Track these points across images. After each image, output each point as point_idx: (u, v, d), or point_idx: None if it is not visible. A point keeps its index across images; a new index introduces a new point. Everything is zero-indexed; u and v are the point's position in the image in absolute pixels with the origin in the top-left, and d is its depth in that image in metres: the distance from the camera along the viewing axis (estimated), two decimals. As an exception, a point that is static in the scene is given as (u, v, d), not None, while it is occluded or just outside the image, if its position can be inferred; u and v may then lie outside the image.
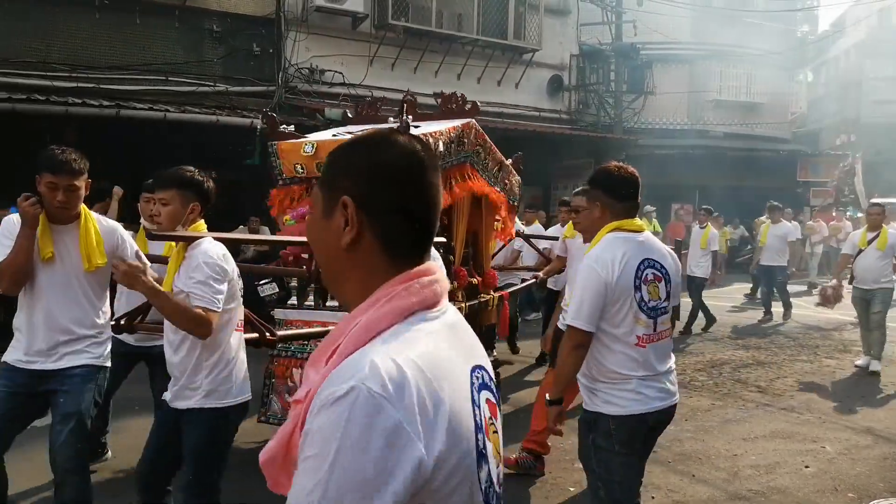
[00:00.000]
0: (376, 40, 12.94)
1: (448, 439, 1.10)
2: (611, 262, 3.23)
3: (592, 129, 16.38)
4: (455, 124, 5.65)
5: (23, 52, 10.19)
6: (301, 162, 5.51)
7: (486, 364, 1.30)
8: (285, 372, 5.33)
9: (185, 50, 11.37)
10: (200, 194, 3.33)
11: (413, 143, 1.29)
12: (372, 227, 1.23)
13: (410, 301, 1.20)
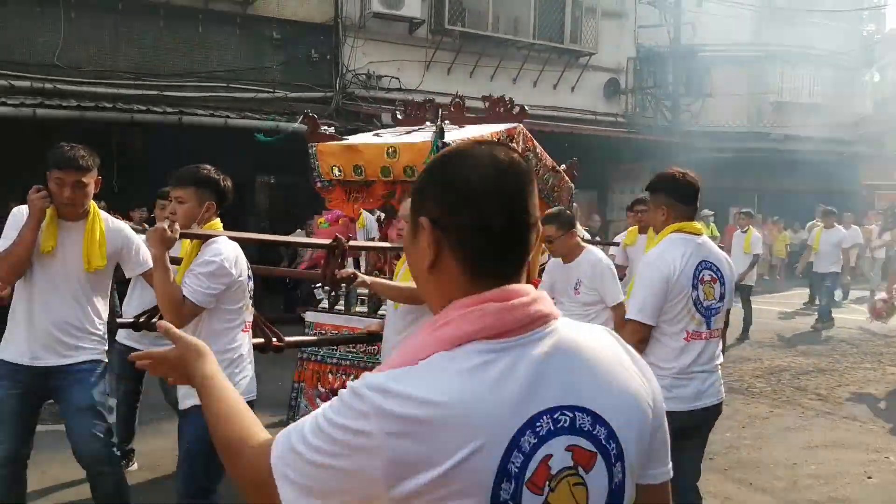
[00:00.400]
0: (432, 45, 13.03)
1: (431, 477, 1.04)
2: (671, 260, 3.38)
3: (649, 133, 16.22)
4: (499, 129, 5.60)
5: (91, 62, 10.55)
6: (339, 164, 5.55)
7: (592, 404, 1.15)
8: (314, 377, 5.37)
9: (245, 57, 11.63)
10: (216, 192, 3.34)
11: (495, 154, 1.20)
12: (450, 246, 1.18)
13: (463, 330, 1.12)
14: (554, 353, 1.15)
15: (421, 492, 1.05)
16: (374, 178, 5.39)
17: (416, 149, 5.17)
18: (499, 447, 1.07)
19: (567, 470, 1.12)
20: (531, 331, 1.15)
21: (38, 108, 9.33)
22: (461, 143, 1.28)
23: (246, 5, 11.43)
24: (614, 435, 1.16)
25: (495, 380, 1.09)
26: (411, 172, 5.16)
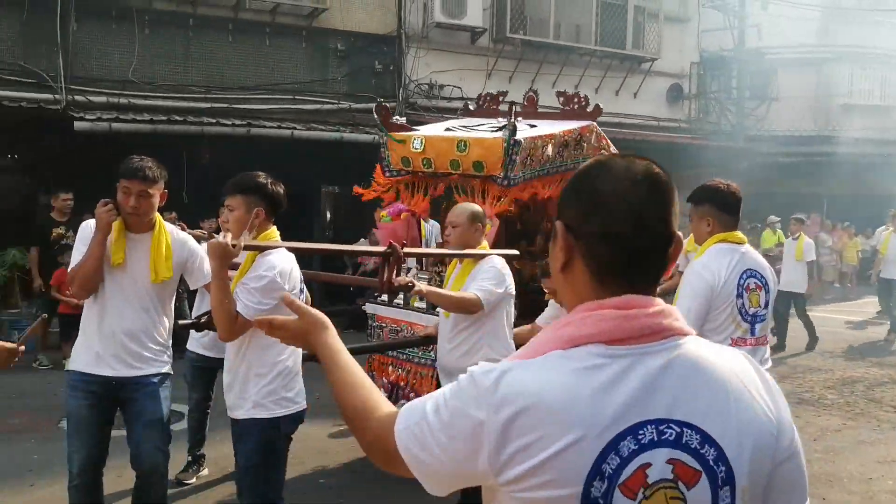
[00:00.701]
0: (494, 54, 13.09)
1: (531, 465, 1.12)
2: (717, 269, 3.52)
3: (713, 138, 15.96)
4: (572, 126, 5.62)
5: (164, 77, 10.87)
6: (408, 156, 5.60)
7: (703, 423, 1.15)
8: (382, 368, 5.48)
9: (311, 69, 11.84)
10: (264, 198, 3.34)
11: (630, 167, 1.25)
12: (580, 252, 1.23)
13: (581, 332, 1.18)
14: (671, 366, 1.17)
15: (522, 477, 1.13)
16: (442, 171, 5.43)
17: (486, 145, 5.20)
18: (596, 446, 1.11)
19: (666, 482, 1.14)
20: (651, 342, 1.18)
21: (113, 122, 9.67)
22: (604, 154, 1.32)
23: (311, 18, 11.66)
24: (724, 458, 1.16)
25: (604, 383, 1.14)
26: (480, 167, 5.19)
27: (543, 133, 5.44)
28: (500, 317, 4.12)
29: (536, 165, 5.31)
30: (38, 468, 5.32)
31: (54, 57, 10.12)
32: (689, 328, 1.23)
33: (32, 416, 6.48)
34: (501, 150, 5.08)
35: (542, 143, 5.32)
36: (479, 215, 4.25)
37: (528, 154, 5.21)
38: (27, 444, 5.78)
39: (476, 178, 5.36)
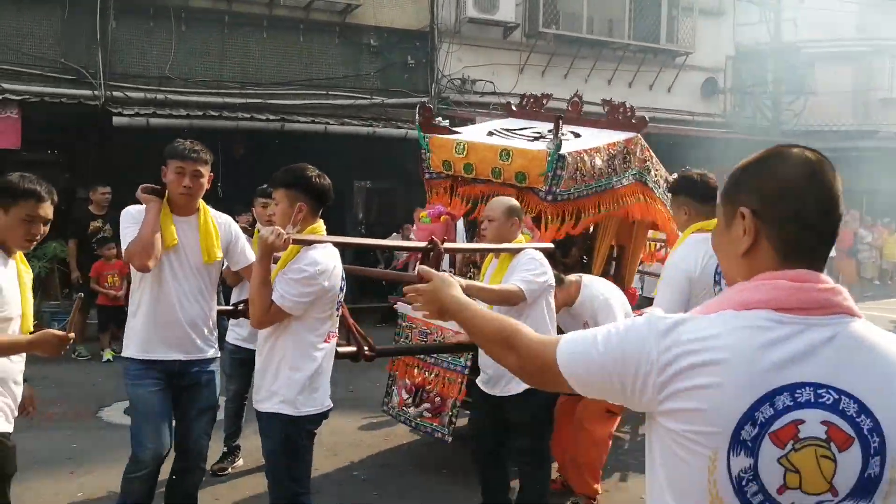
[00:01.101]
0: (527, 49, 13.05)
1: (690, 402, 1.28)
2: (694, 259, 3.66)
3: (749, 133, 15.76)
4: (618, 138, 5.54)
5: (200, 72, 11.02)
6: (450, 160, 5.54)
7: (862, 394, 1.25)
8: (405, 369, 5.42)
9: (344, 65, 11.91)
10: (308, 192, 3.32)
11: (806, 155, 1.37)
12: (767, 235, 1.36)
13: (754, 297, 1.32)
14: (837, 339, 1.29)
15: (679, 412, 1.30)
16: (483, 178, 5.38)
17: (530, 156, 5.12)
18: (750, 394, 1.26)
19: (817, 441, 1.25)
20: (819, 315, 1.30)
21: (150, 117, 9.82)
22: (773, 147, 1.45)
23: (345, 14, 11.72)
24: (880, 430, 1.25)
25: (769, 341, 1.28)
26: (522, 178, 5.11)
27: (588, 146, 5.33)
28: (541, 309, 4.07)
29: (591, 180, 5.19)
30: (78, 457, 5.42)
31: (94, 54, 10.32)
32: (857, 310, 1.33)
33: (71, 406, 6.60)
34: (545, 164, 4.98)
35: (588, 156, 5.20)
36: (516, 209, 4.21)
37: (577, 169, 5.10)
38: (67, 433, 5.88)
39: (513, 188, 5.30)
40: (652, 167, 5.88)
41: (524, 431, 4.13)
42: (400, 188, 11.76)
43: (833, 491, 1.26)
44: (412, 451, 5.88)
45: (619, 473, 5.53)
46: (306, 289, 3.18)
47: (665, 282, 3.77)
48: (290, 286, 3.18)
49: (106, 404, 6.65)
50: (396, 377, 5.48)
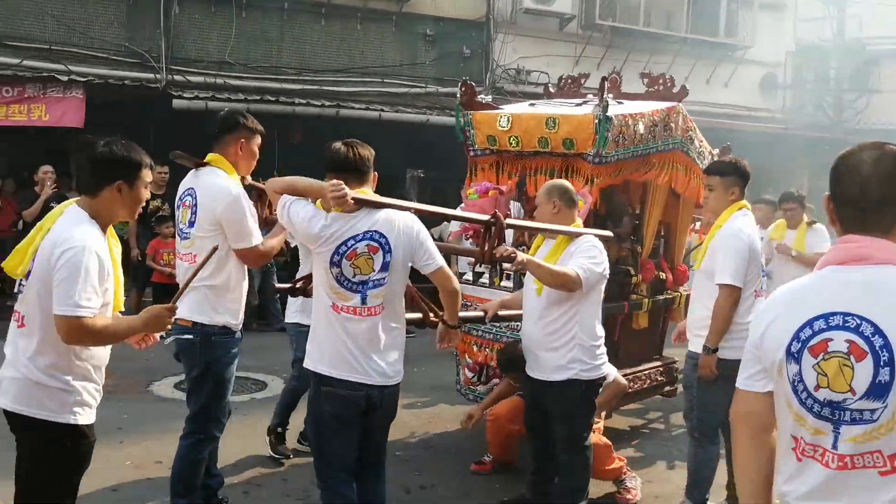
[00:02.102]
0: (582, 40, 12.98)
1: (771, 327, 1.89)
2: (749, 232, 4.18)
3: (809, 130, 15.43)
4: (660, 107, 5.48)
5: (258, 58, 11.21)
6: (495, 134, 5.50)
7: (877, 318, 1.72)
8: (465, 347, 5.43)
9: (399, 53, 12.00)
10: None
11: (863, 151, 1.83)
12: (835, 211, 1.88)
13: (827, 258, 1.86)
14: (866, 279, 1.77)
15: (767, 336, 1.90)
16: (529, 149, 5.36)
17: (576, 121, 5.09)
18: (799, 321, 1.82)
19: (841, 354, 1.75)
20: (858, 265, 1.79)
21: (209, 100, 10.03)
22: None
23: (402, 3, 11.80)
24: (889, 347, 1.70)
25: (822, 285, 1.84)
26: (570, 145, 5.07)
27: (633, 111, 5.30)
28: (593, 298, 4.06)
29: (630, 144, 5.17)
30: (128, 427, 5.59)
31: (157, 39, 10.58)
32: (882, 258, 1.76)
33: (123, 379, 6.74)
34: (592, 127, 4.96)
35: (632, 120, 5.18)
36: (556, 189, 4.18)
37: (620, 132, 5.07)
38: (118, 405, 6.01)
39: (560, 158, 5.28)
40: (695, 138, 5.83)
41: (561, 419, 4.14)
42: (453, 177, 11.72)
43: (852, 392, 1.73)
44: (455, 435, 5.93)
45: (663, 462, 5.51)
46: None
47: (731, 251, 4.11)
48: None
49: (156, 379, 6.84)
50: (459, 359, 5.52)
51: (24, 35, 10.06)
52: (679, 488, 4.99)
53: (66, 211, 2.85)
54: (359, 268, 3.19)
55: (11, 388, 2.78)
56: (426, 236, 3.35)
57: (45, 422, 2.75)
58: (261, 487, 4.76)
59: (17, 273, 2.80)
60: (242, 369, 7.22)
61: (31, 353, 2.75)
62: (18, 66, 9.81)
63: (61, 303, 2.63)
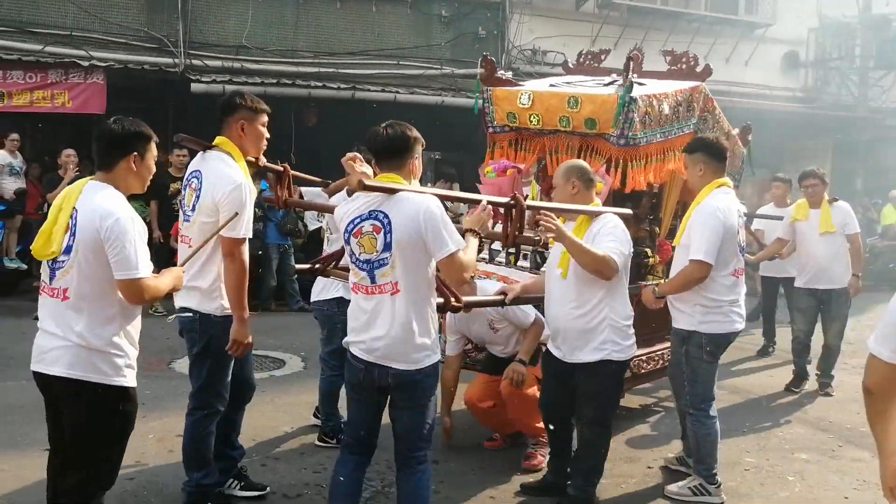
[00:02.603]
0: (599, 20, 12.92)
1: None
2: (726, 209, 4.22)
3: (833, 109, 15.22)
4: (683, 86, 5.40)
5: (275, 42, 11.32)
6: (515, 111, 5.43)
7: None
8: None
9: (415, 35, 12.04)
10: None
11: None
12: None
13: None
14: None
15: None
16: (550, 128, 5.30)
17: (599, 101, 5.03)
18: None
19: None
20: None
21: (227, 84, 10.14)
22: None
23: (417, -15, 11.81)
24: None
25: None
26: (592, 125, 5.01)
27: (657, 91, 5.21)
28: (621, 277, 4.03)
29: (655, 126, 5.10)
30: (150, 402, 5.68)
31: (175, 24, 10.73)
32: None
33: (147, 357, 6.84)
34: (615, 107, 4.90)
35: (657, 101, 5.09)
36: (574, 170, 4.13)
37: (646, 112, 5.00)
38: (141, 381, 6.04)
39: (580, 137, 5.21)
40: (711, 118, 5.73)
41: (591, 400, 4.14)
42: (469, 159, 11.75)
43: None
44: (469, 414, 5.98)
45: (676, 441, 5.52)
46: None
47: (706, 227, 4.16)
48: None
49: (178, 357, 6.94)
50: None
51: (46, 22, 10.27)
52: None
53: (88, 187, 3.00)
54: (363, 246, 3.21)
55: (64, 356, 2.92)
56: (438, 221, 3.14)
57: (101, 385, 2.94)
58: (278, 461, 4.83)
59: (49, 254, 2.95)
60: (262, 348, 7.39)
61: (85, 322, 2.92)
62: (41, 53, 10.01)
63: (123, 268, 2.88)
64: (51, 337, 2.96)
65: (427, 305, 3.27)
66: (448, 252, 3.12)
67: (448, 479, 4.64)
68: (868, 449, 5.42)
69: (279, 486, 4.36)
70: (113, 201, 2.94)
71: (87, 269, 2.90)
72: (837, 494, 4.68)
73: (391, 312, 3.20)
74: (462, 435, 5.50)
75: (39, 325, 3.04)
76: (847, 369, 7.62)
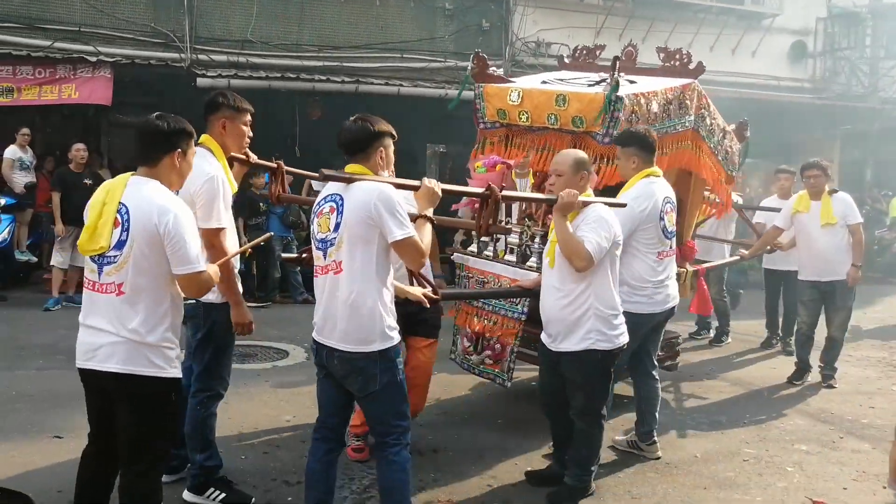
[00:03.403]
0: (603, 11, 12.90)
1: None
2: (645, 198, 4.58)
3: (842, 99, 15.13)
4: (674, 84, 5.43)
5: (279, 36, 11.39)
6: (505, 108, 5.50)
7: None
8: (466, 318, 5.45)
9: (418, 28, 12.07)
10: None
11: None
12: None
13: None
14: None
15: None
16: (539, 125, 5.37)
17: (587, 99, 5.09)
18: None
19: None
20: None
21: (232, 78, 10.22)
22: None
23: (420, -22, 11.82)
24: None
25: None
26: (579, 123, 5.08)
27: (646, 89, 5.25)
28: (607, 267, 4.05)
29: (644, 124, 5.11)
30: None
31: (181, 19, 10.84)
32: None
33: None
34: (601, 106, 4.96)
35: (645, 99, 5.14)
36: (584, 162, 4.16)
37: (633, 111, 5.05)
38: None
39: (569, 135, 5.25)
40: (708, 116, 5.77)
41: (578, 389, 4.18)
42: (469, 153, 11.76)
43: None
44: (470, 402, 6.07)
45: (675, 432, 5.55)
46: None
47: (621, 214, 4.31)
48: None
49: (180, 350, 7.05)
50: (459, 326, 5.58)
51: (55, 18, 10.41)
52: (691, 455, 5.08)
53: (133, 181, 3.06)
54: (321, 226, 3.35)
55: (117, 352, 2.99)
56: (392, 205, 3.21)
57: (156, 378, 3.02)
58: (279, 448, 4.93)
59: (98, 249, 2.98)
60: (266, 339, 7.47)
61: (142, 317, 2.99)
62: (50, 48, 10.13)
63: (183, 263, 2.98)
64: (101, 333, 3.01)
65: (373, 289, 3.28)
66: (401, 236, 3.21)
67: (446, 466, 4.74)
68: (868, 440, 5.44)
69: (280, 473, 4.47)
70: (165, 196, 3.01)
71: (143, 262, 2.96)
72: (836, 485, 4.70)
73: (335, 291, 3.30)
74: (462, 423, 5.57)
75: (84, 321, 3.08)
76: (851, 361, 7.64)
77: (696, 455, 5.10)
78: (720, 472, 4.82)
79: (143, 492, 3.10)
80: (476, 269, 5.42)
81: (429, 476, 4.56)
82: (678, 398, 6.39)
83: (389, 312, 3.36)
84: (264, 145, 5.64)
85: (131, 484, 3.08)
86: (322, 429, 3.56)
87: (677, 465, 4.91)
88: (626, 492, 4.49)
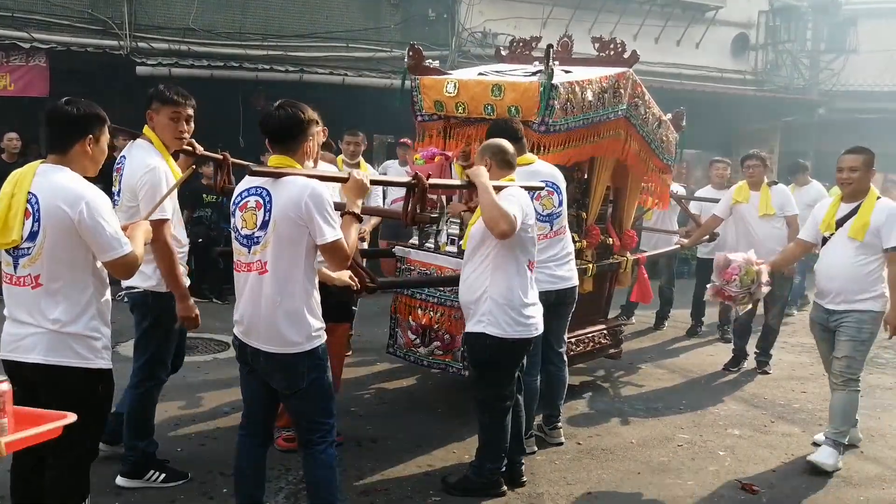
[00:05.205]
0: (550, 2, 12.92)
1: None
2: None
3: (784, 92, 15.44)
4: (608, 73, 5.49)
5: (222, 24, 11.19)
6: (442, 100, 5.54)
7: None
8: (406, 310, 5.48)
9: (364, 18, 11.95)
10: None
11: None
12: None
13: None
14: None
15: None
16: (476, 116, 5.39)
17: (522, 89, 5.12)
18: None
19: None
20: None
21: (173, 67, 10.00)
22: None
23: (365, -33, 11.71)
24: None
25: None
26: (515, 112, 5.10)
27: (580, 78, 5.29)
28: (507, 255, 3.92)
29: (578, 112, 5.20)
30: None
31: (120, 6, 10.56)
32: None
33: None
34: (537, 95, 4.99)
35: (579, 88, 5.19)
36: (488, 150, 4.12)
37: (568, 99, 5.10)
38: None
39: None
40: (642, 104, 5.85)
41: (475, 375, 4.18)
42: (420, 142, 11.75)
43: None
44: (411, 393, 6.09)
45: (614, 419, 5.62)
46: None
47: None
48: None
49: (122, 340, 6.87)
50: (399, 319, 5.57)
51: (-14, 2, 10.00)
52: (627, 441, 5.14)
53: (41, 170, 2.95)
54: (245, 221, 3.24)
55: (40, 343, 2.92)
56: (322, 205, 3.12)
57: (80, 369, 2.97)
58: (216, 440, 4.91)
59: (10, 242, 2.89)
60: (208, 331, 7.37)
61: (62, 308, 2.92)
62: (-20, 34, 9.76)
63: (106, 250, 2.91)
64: (23, 325, 2.95)
65: (300, 291, 3.21)
66: (330, 239, 3.13)
67: (384, 455, 4.75)
68: (799, 424, 5.59)
69: (216, 465, 4.42)
70: (75, 183, 2.91)
71: (58, 252, 2.89)
72: (765, 468, 4.83)
73: (258, 291, 3.21)
74: (402, 412, 5.58)
75: (9, 315, 3.00)
76: (786, 348, 7.82)
77: (632, 441, 5.17)
78: (654, 458, 4.89)
79: (68, 485, 3.04)
80: (418, 262, 5.46)
81: (366, 465, 4.57)
82: (617, 385, 6.47)
83: (316, 314, 3.29)
84: (209, 136, 5.55)
85: (56, 481, 3.02)
86: (249, 425, 3.51)
87: (613, 451, 4.98)
88: (562, 478, 4.54)
